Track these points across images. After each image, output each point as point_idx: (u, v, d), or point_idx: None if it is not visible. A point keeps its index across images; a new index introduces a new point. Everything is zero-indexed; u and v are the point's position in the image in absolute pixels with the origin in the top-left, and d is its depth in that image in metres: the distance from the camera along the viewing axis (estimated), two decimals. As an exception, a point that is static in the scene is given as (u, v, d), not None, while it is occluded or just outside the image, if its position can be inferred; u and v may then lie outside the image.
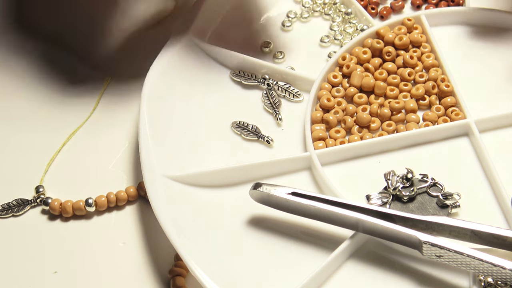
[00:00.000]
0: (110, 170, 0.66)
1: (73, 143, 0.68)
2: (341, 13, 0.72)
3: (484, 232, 0.55)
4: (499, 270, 0.53)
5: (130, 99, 0.70)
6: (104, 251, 0.62)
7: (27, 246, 0.63)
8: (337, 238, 0.59)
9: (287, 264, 0.58)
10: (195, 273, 0.57)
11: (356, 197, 0.60)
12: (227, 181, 0.62)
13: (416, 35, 0.68)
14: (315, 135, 0.64)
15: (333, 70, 0.67)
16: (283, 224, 0.60)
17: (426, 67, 0.67)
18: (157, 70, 0.67)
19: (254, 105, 0.67)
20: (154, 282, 0.60)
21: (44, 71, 0.72)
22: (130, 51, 0.73)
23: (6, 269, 0.62)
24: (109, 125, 0.69)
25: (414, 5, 0.72)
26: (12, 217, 0.64)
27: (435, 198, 0.60)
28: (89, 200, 0.64)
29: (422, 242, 0.55)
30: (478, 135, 0.62)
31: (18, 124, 0.69)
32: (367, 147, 0.63)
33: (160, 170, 0.62)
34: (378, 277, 0.57)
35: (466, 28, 0.69)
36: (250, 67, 0.68)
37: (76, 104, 0.70)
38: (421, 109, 0.65)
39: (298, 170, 0.63)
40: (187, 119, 0.65)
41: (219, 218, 0.60)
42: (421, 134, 0.63)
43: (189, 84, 0.67)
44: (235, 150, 0.64)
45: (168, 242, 0.58)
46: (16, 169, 0.67)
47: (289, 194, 0.58)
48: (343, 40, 0.70)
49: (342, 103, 0.65)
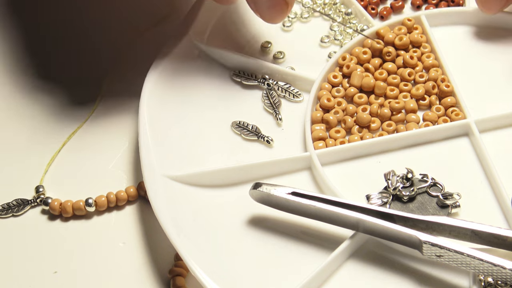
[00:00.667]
0: (110, 170, 0.66)
1: (73, 143, 0.68)
2: (341, 13, 0.72)
3: (484, 232, 0.55)
4: (499, 270, 0.53)
5: (130, 99, 0.70)
6: (104, 251, 0.62)
7: (27, 246, 0.63)
8: (337, 238, 0.59)
9: (287, 264, 0.58)
10: (195, 273, 0.57)
11: (356, 197, 0.60)
12: (227, 181, 0.62)
13: (416, 35, 0.68)
14: (315, 135, 0.64)
15: (333, 70, 0.67)
16: (283, 224, 0.60)
17: (426, 67, 0.67)
18: (157, 70, 0.67)
19: (254, 105, 0.67)
20: (154, 282, 0.60)
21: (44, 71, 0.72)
22: (130, 51, 0.73)
23: (6, 269, 0.62)
24: (109, 125, 0.69)
25: (414, 5, 0.72)
26: (12, 217, 0.64)
27: (435, 198, 0.60)
28: (89, 200, 0.64)
29: (422, 242, 0.55)
30: (478, 135, 0.62)
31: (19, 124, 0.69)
32: (367, 147, 0.63)
33: (160, 170, 0.62)
34: (378, 277, 0.57)
35: (466, 28, 0.69)
36: (250, 67, 0.68)
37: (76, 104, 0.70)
38: (421, 109, 0.65)
39: (298, 170, 0.63)
40: (187, 119, 0.65)
41: (219, 218, 0.60)
42: (421, 134, 0.63)
43: (189, 84, 0.67)
44: (235, 150, 0.64)
45: (168, 242, 0.58)
46: (16, 169, 0.67)
47: (289, 194, 0.58)
48: (343, 40, 0.70)
49: (342, 103, 0.65)
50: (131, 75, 0.70)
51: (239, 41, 0.69)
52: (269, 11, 0.63)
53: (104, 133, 0.68)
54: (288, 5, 0.62)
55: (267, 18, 0.63)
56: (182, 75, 0.67)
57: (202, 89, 0.67)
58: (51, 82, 0.72)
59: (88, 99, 0.70)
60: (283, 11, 0.63)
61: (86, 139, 0.68)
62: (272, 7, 0.62)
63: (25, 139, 0.68)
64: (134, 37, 0.73)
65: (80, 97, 0.71)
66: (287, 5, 0.62)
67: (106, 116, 0.69)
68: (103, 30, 0.74)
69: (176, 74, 0.67)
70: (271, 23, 0.64)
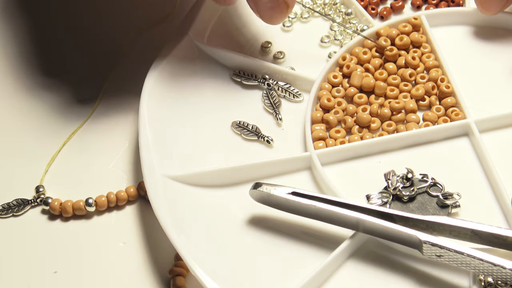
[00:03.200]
0: (110, 170, 0.66)
1: (73, 143, 0.68)
2: (341, 13, 0.72)
3: (484, 232, 0.55)
4: (499, 270, 0.53)
5: (130, 99, 0.70)
6: (104, 251, 0.62)
7: (27, 246, 0.63)
8: (337, 238, 0.59)
9: (287, 264, 0.58)
10: (195, 273, 0.57)
11: (356, 197, 0.60)
12: (227, 181, 0.62)
13: (416, 36, 0.68)
14: (315, 135, 0.64)
15: (333, 70, 0.67)
16: (283, 224, 0.60)
17: (426, 68, 0.67)
18: (157, 70, 0.67)
19: (254, 105, 0.67)
20: (154, 282, 0.60)
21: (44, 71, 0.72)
22: (130, 51, 0.73)
23: (6, 269, 0.62)
24: (109, 125, 0.69)
25: (414, 5, 0.72)
26: (12, 217, 0.64)
27: (435, 198, 0.60)
28: (89, 200, 0.64)
29: (422, 241, 0.55)
30: (478, 135, 0.62)
31: (19, 124, 0.69)
32: (367, 147, 0.63)
33: (160, 170, 0.62)
34: (378, 277, 0.57)
35: (466, 28, 0.69)
36: (250, 67, 0.68)
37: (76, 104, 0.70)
38: (421, 109, 0.65)
39: (298, 170, 0.63)
40: (187, 119, 0.65)
41: (219, 218, 0.60)
42: (421, 134, 0.63)
43: (189, 84, 0.67)
44: (235, 150, 0.64)
45: (168, 242, 0.58)
46: (16, 169, 0.67)
47: (289, 194, 0.58)
48: (343, 40, 0.70)
49: (342, 103, 0.65)
50: (131, 75, 0.70)
51: (239, 41, 0.69)
52: (269, 12, 0.63)
53: (104, 133, 0.68)
54: (289, 6, 0.63)
55: (267, 19, 0.64)
56: (182, 75, 0.67)
57: (202, 89, 0.67)
58: (51, 82, 0.72)
59: (88, 99, 0.70)
60: (283, 13, 0.63)
61: (86, 139, 0.68)
62: (273, 8, 0.63)
63: (25, 139, 0.68)
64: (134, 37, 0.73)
65: (80, 97, 0.71)
66: (287, 6, 0.63)
67: (106, 116, 0.69)
68: (103, 30, 0.74)
69: (176, 74, 0.67)
70: (271, 24, 0.64)
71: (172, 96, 0.66)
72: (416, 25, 0.68)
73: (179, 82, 0.67)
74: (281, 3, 0.62)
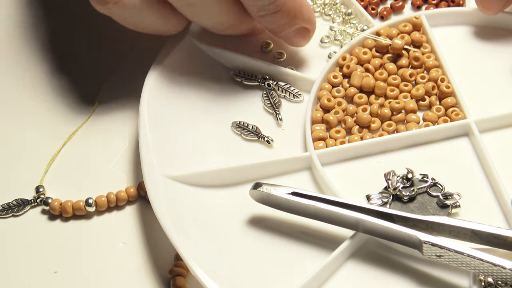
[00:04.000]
0: (110, 170, 0.66)
1: (73, 143, 0.68)
2: (341, 13, 0.72)
3: (484, 232, 0.55)
4: (499, 270, 0.53)
5: (130, 99, 0.70)
6: (104, 251, 0.62)
7: (27, 246, 0.63)
8: (337, 238, 0.59)
9: (287, 264, 0.58)
10: (196, 273, 0.57)
11: (356, 197, 0.60)
12: (227, 181, 0.62)
13: (416, 35, 0.68)
14: (315, 135, 0.64)
15: (333, 70, 0.67)
16: (283, 224, 0.60)
17: (426, 68, 0.67)
18: (157, 70, 0.67)
19: (254, 105, 0.67)
20: (154, 282, 0.60)
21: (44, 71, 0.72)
22: (130, 51, 0.73)
23: (6, 269, 0.62)
24: (109, 125, 0.69)
25: (414, 5, 0.72)
26: (12, 217, 0.64)
27: (435, 198, 0.60)
28: (89, 200, 0.64)
29: (422, 242, 0.55)
30: (478, 135, 0.62)
31: (19, 124, 0.69)
32: (367, 147, 0.63)
33: (160, 170, 0.62)
34: (378, 277, 0.57)
35: (466, 29, 0.69)
36: (250, 67, 0.68)
37: (76, 104, 0.70)
38: (421, 109, 0.65)
39: (298, 170, 0.63)
40: (187, 119, 0.65)
41: (219, 218, 0.60)
42: (421, 134, 0.63)
43: (189, 84, 0.67)
44: (235, 150, 0.64)
45: (168, 242, 0.58)
46: (16, 169, 0.67)
47: (289, 194, 0.58)
48: (343, 41, 0.70)
49: (342, 103, 0.65)
50: (131, 75, 0.70)
51: (239, 41, 0.69)
52: (294, 39, 0.67)
53: (104, 133, 0.68)
54: (310, 31, 0.66)
55: (294, 44, 0.68)
56: (182, 75, 0.67)
57: (202, 89, 0.67)
58: (51, 82, 0.72)
59: (88, 99, 0.70)
60: (305, 38, 0.67)
61: (86, 139, 0.68)
62: (295, 36, 0.66)
63: (25, 139, 0.68)
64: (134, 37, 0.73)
65: (80, 97, 0.71)
66: (309, 31, 0.66)
67: (106, 116, 0.69)
68: (103, 30, 0.74)
69: (176, 74, 0.67)
70: (298, 47, 0.68)
71: (172, 96, 0.66)
72: (417, 25, 0.68)
73: (179, 82, 0.67)
74: (302, 30, 0.66)
